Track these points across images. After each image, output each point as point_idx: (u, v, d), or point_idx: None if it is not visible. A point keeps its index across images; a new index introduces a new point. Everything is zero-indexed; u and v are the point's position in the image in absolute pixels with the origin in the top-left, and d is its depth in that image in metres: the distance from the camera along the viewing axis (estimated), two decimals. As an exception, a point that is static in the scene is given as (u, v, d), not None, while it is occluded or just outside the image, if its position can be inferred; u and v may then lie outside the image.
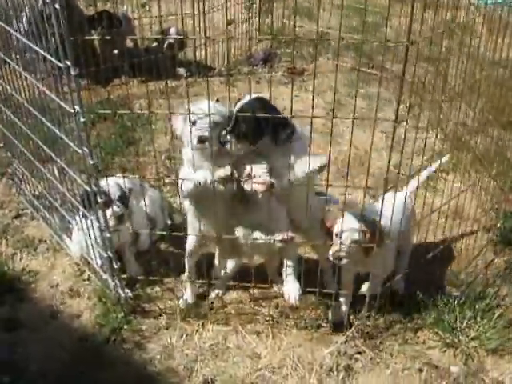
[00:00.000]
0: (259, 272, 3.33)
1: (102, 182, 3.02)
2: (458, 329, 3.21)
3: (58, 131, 3.01)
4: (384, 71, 6.06)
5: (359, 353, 3.15)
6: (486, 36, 3.96)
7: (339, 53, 6.60)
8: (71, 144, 2.87)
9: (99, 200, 2.88)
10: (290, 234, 2.91)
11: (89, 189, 2.91)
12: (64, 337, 3.21)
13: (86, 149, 2.74)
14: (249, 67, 6.72)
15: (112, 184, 3.18)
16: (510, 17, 4.00)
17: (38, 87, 3.10)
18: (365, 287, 3.36)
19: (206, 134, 2.82)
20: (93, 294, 3.46)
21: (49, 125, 3.10)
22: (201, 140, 2.82)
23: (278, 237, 2.90)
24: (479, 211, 4.07)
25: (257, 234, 2.97)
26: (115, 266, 3.14)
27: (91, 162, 2.73)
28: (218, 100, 5.73)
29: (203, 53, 6.30)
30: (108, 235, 3.00)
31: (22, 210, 4.23)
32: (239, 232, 2.99)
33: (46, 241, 3.93)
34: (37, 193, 4.05)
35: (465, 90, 4.21)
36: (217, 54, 6.57)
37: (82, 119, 2.62)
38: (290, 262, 3.09)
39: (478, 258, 3.77)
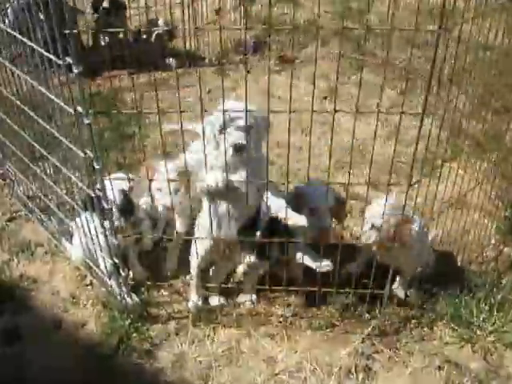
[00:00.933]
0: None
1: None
2: (475, 323, 3.15)
3: (55, 132, 2.84)
4: (374, 57, 6.00)
5: (377, 352, 3.08)
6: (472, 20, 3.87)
7: (327, 40, 6.50)
8: (72, 147, 2.70)
9: (105, 206, 2.72)
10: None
11: (93, 194, 2.75)
12: (70, 347, 3.08)
13: (90, 153, 2.58)
14: (239, 56, 6.55)
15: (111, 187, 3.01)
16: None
17: (32, 86, 2.91)
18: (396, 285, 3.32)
19: (243, 141, 2.64)
20: (96, 301, 3.32)
21: (43, 123, 2.92)
22: (238, 149, 2.64)
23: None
24: (482, 198, 4.01)
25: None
26: (123, 274, 3.00)
27: (97, 167, 2.57)
28: (209, 91, 5.60)
29: (193, 43, 6.13)
30: (115, 241, 2.85)
31: (16, 212, 4.05)
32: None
33: (43, 244, 3.76)
34: (31, 194, 3.87)
35: (456, 74, 4.12)
36: (206, 43, 6.39)
37: (86, 121, 2.45)
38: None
39: (488, 249, 3.71)
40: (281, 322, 3.22)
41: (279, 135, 3.55)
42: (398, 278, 3.35)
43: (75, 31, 2.22)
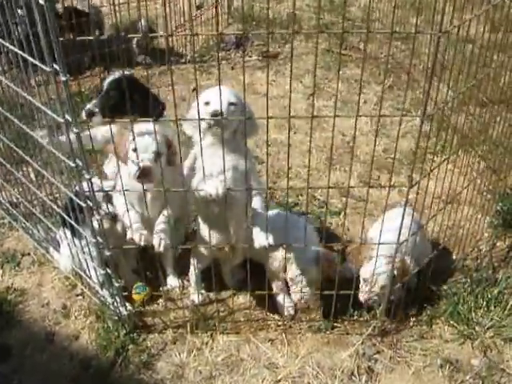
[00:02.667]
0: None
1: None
2: (474, 319, 3.15)
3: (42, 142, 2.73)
4: (358, 52, 5.96)
5: (378, 352, 3.05)
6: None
7: (310, 35, 6.43)
8: (60, 155, 2.59)
9: (97, 217, 2.61)
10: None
11: (84, 204, 2.64)
12: (64, 362, 2.97)
13: (80, 162, 2.47)
14: (221, 52, 6.44)
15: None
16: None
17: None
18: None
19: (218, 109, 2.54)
20: (89, 312, 3.21)
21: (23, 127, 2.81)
22: (215, 114, 2.54)
23: None
24: (474, 193, 4.01)
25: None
26: (116, 284, 2.90)
27: (87, 177, 2.46)
28: (194, 89, 5.48)
29: (174, 40, 6.02)
30: (108, 253, 2.74)
31: (-1, 220, 3.91)
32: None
33: (29, 254, 3.63)
34: (14, 200, 3.74)
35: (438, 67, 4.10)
36: (187, 40, 6.27)
37: (75, 130, 2.34)
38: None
39: (481, 243, 3.71)
40: (280, 326, 3.17)
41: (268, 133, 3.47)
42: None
43: (61, 39, 2.10)
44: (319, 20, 5.25)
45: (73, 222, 2.88)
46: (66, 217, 2.94)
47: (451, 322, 3.16)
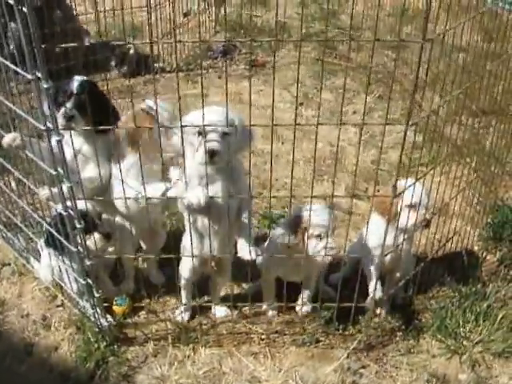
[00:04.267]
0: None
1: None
2: (462, 334, 3.09)
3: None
4: (349, 61, 5.92)
5: (363, 367, 2.99)
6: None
7: (300, 44, 6.39)
8: (41, 164, 2.54)
9: (78, 226, 2.56)
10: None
11: (65, 213, 2.58)
12: (43, 374, 2.91)
13: (61, 170, 2.42)
14: (208, 60, 6.42)
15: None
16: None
17: None
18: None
19: (217, 147, 2.47)
20: (69, 323, 3.15)
21: None
22: (212, 154, 2.47)
23: None
24: (464, 206, 3.96)
25: None
26: (96, 295, 2.83)
27: (68, 185, 2.41)
28: (180, 98, 5.44)
29: (159, 48, 6.00)
30: (89, 263, 2.69)
31: (-22, 229, 3.84)
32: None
33: (9, 264, 3.56)
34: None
35: (431, 77, 4.07)
36: (173, 48, 6.24)
37: (56, 138, 2.30)
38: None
39: (471, 256, 3.66)
40: (263, 340, 3.11)
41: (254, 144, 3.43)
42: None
43: (43, 46, 2.07)
44: (301, 29, 5.20)
45: (54, 232, 2.82)
46: (47, 226, 2.88)
47: (439, 337, 3.10)
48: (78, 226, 2.53)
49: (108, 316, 3.09)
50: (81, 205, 2.66)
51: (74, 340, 3.06)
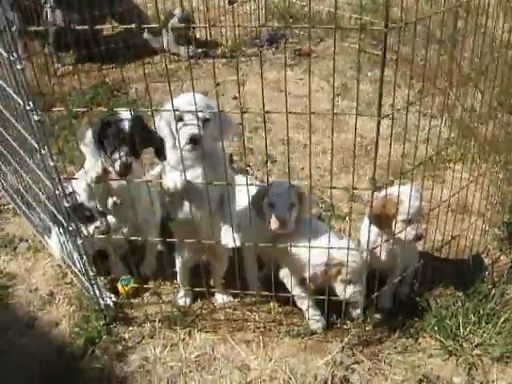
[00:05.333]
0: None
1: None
2: (461, 335, 3.00)
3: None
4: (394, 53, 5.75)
5: (357, 362, 2.95)
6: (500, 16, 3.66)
7: (347, 34, 6.28)
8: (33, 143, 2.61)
9: (66, 204, 2.62)
10: None
11: (57, 192, 2.65)
12: (41, 348, 3.02)
13: (44, 150, 2.47)
14: (254, 48, 6.40)
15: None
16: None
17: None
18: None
19: (197, 131, 2.50)
20: (73, 300, 3.26)
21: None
22: (192, 140, 2.51)
23: None
24: (485, 204, 3.83)
25: None
26: (91, 273, 2.91)
27: (51, 164, 2.47)
28: (218, 84, 5.44)
29: (207, 33, 6.04)
30: (80, 242, 2.76)
31: (4, 205, 4.01)
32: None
33: (27, 240, 3.72)
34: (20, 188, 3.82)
35: (475, 73, 3.93)
36: (220, 34, 6.27)
37: (35, 118, 2.35)
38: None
39: (483, 256, 3.54)
40: (259, 328, 3.12)
41: (284, 132, 3.41)
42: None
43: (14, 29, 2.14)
44: (336, 20, 5.10)
45: (53, 210, 2.91)
46: (48, 204, 2.98)
47: (436, 337, 3.02)
48: (65, 204, 2.60)
49: (112, 295, 3.20)
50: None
51: (74, 317, 3.16)
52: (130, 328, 3.13)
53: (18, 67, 2.20)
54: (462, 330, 3.01)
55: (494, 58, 3.78)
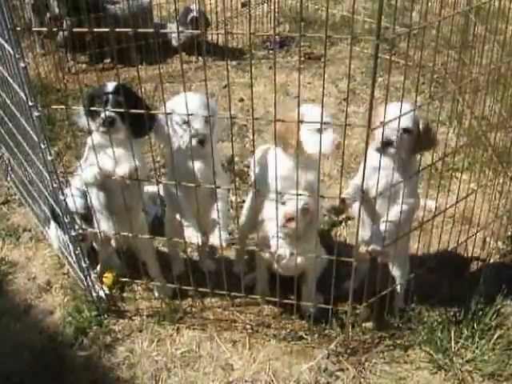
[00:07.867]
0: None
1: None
2: (453, 349, 2.93)
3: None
4: (407, 59, 5.68)
5: (341, 370, 2.92)
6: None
7: (361, 38, 6.22)
8: (33, 136, 2.68)
9: (61, 197, 2.68)
10: None
11: (54, 185, 2.72)
12: (34, 335, 3.09)
13: (42, 145, 2.54)
14: (264, 51, 6.40)
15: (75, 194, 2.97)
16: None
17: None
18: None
19: (205, 132, 2.62)
20: (68, 290, 3.32)
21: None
22: (201, 141, 2.63)
23: None
24: (491, 216, 3.74)
25: None
26: (83, 265, 2.96)
27: (49, 158, 2.54)
28: (225, 86, 5.46)
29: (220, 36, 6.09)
30: (73, 233, 2.82)
31: (11, 195, 4.11)
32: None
33: (30, 230, 3.80)
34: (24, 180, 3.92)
35: (488, 80, 3.84)
36: (231, 36, 6.29)
37: (36, 114, 2.42)
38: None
39: (482, 270, 3.45)
40: (246, 329, 3.12)
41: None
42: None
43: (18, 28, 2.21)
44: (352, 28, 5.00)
45: (52, 202, 2.97)
46: (48, 196, 3.04)
47: (427, 349, 2.97)
48: (61, 197, 2.66)
49: (103, 287, 3.24)
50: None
51: (68, 306, 3.22)
52: (121, 321, 3.17)
53: (22, 65, 2.27)
54: (453, 344, 2.95)
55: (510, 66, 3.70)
